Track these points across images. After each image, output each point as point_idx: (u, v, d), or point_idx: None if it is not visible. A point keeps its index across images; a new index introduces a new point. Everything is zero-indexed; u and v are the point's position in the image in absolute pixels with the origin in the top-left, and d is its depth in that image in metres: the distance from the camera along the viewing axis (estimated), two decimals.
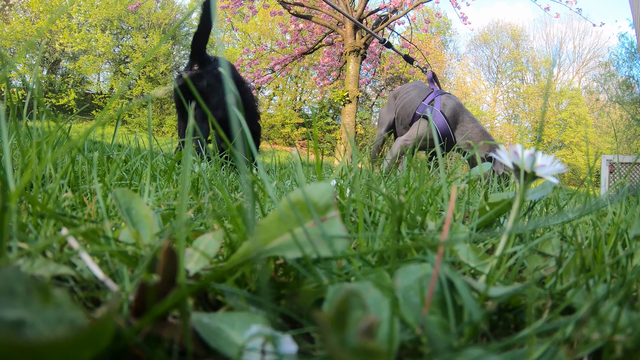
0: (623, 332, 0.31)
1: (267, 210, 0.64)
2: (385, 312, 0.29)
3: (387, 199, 0.48)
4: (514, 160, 0.47)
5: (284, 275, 0.42)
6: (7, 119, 0.64)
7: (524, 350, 0.28)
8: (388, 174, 1.39)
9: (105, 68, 18.85)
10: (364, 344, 0.25)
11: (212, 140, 0.79)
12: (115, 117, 2.90)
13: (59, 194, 0.59)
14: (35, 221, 0.46)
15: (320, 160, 0.59)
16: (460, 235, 0.49)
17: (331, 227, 0.36)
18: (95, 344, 0.23)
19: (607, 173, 4.37)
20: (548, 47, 25.36)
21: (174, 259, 0.30)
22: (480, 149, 2.64)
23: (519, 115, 23.77)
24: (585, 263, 0.45)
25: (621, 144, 17.89)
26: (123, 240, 0.42)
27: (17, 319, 0.23)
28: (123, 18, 17.77)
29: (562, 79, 24.59)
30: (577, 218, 0.58)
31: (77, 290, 0.36)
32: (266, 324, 0.30)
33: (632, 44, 19.01)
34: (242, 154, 0.31)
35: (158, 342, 0.29)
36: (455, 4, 7.84)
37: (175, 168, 0.87)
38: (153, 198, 0.60)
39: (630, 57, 19.45)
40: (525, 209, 0.65)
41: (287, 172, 1.31)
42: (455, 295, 0.34)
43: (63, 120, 0.71)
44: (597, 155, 6.31)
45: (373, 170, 1.51)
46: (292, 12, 7.52)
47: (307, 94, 20.31)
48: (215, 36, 3.34)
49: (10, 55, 13.68)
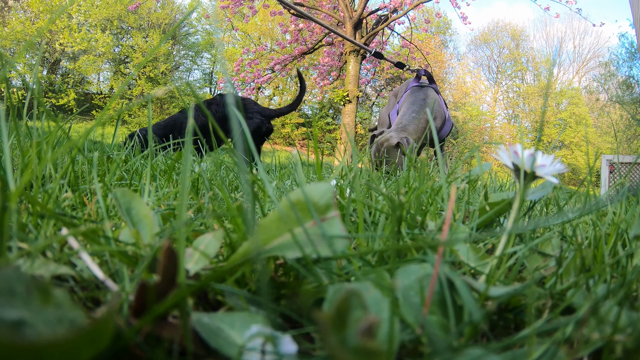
0: (623, 332, 0.31)
1: (267, 210, 0.64)
2: (385, 312, 0.29)
3: (387, 199, 0.48)
4: (514, 160, 0.47)
5: (284, 275, 0.42)
6: (7, 119, 0.64)
7: (524, 350, 0.28)
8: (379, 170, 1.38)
9: (105, 68, 18.86)
10: (364, 344, 0.25)
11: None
12: (115, 117, 2.90)
13: (59, 194, 0.59)
14: (35, 221, 0.46)
15: (320, 160, 0.59)
16: (460, 235, 0.49)
17: (331, 227, 0.36)
18: (95, 344, 0.23)
19: (607, 173, 4.37)
20: (548, 47, 25.37)
21: (174, 259, 0.30)
22: (394, 132, 2.55)
23: (519, 115, 23.77)
24: (585, 263, 0.45)
25: (621, 144, 17.88)
26: (123, 240, 0.42)
27: (17, 319, 0.23)
28: (123, 18, 17.77)
29: (562, 79, 24.60)
30: (577, 218, 0.58)
31: (77, 290, 0.36)
32: (266, 324, 0.30)
33: (632, 44, 19.02)
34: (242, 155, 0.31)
35: (158, 342, 0.29)
36: (455, 4, 7.84)
37: (175, 168, 0.87)
38: (153, 198, 0.60)
39: (630, 57, 19.46)
40: (525, 209, 0.65)
41: (287, 172, 1.31)
42: (455, 295, 0.34)
43: (63, 120, 0.71)
44: (597, 155, 6.31)
45: (373, 171, 1.51)
46: (292, 12, 7.52)
47: (307, 94, 20.31)
48: (215, 36, 3.37)
49: (10, 55, 13.67)
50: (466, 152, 2.61)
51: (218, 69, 20.69)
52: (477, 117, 22.34)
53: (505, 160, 0.47)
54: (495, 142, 0.60)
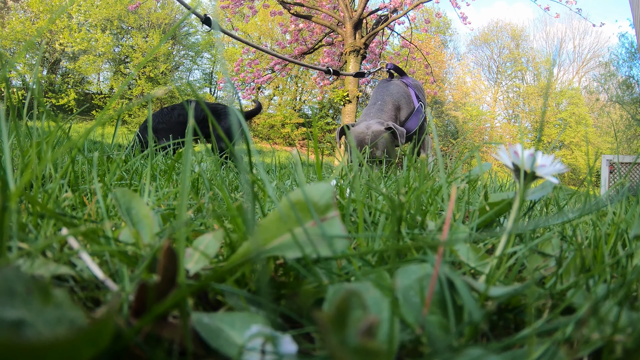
0: (623, 332, 0.31)
1: (267, 210, 0.64)
2: (385, 312, 0.29)
3: (387, 199, 0.48)
4: (514, 160, 0.47)
5: (284, 275, 0.42)
6: (7, 119, 0.64)
7: (524, 350, 0.28)
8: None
9: (105, 68, 18.86)
10: (364, 344, 0.25)
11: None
12: (115, 117, 2.91)
13: (59, 193, 0.59)
14: (35, 221, 0.46)
15: (320, 160, 0.59)
16: (460, 235, 0.49)
17: (331, 227, 0.36)
18: (95, 343, 0.23)
19: (607, 173, 4.37)
20: (548, 47, 25.36)
21: (174, 259, 0.30)
22: (364, 122, 2.51)
23: (519, 115, 23.77)
24: (585, 263, 0.45)
25: (621, 144, 17.88)
26: (123, 240, 0.42)
27: (17, 319, 0.23)
28: (123, 18, 17.77)
29: (562, 78, 24.60)
30: (577, 218, 0.58)
31: (77, 290, 0.36)
32: (266, 324, 0.30)
33: (632, 44, 19.02)
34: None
35: (158, 342, 0.29)
36: (455, 4, 7.84)
37: (175, 168, 0.86)
38: (153, 198, 0.60)
39: (630, 57, 19.45)
40: (525, 209, 0.65)
41: (287, 172, 1.31)
42: (455, 295, 0.34)
43: (63, 120, 0.71)
44: (597, 155, 6.31)
45: (372, 171, 1.51)
46: (292, 12, 7.52)
47: (307, 94, 20.31)
48: (215, 36, 3.40)
49: (10, 55, 13.67)
50: (466, 152, 2.59)
51: (218, 69, 20.70)
52: (477, 117, 22.35)
53: (505, 160, 0.47)
54: (495, 142, 0.60)
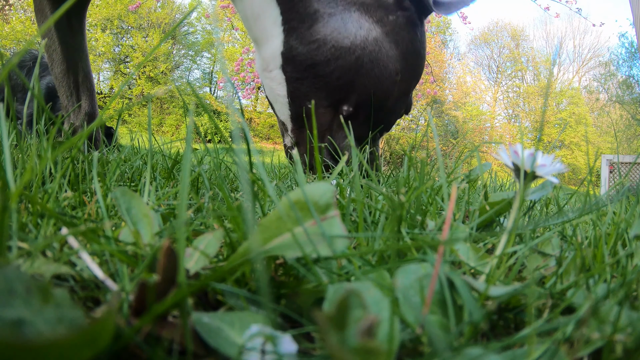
0: (623, 331, 0.31)
1: (267, 209, 0.64)
2: (385, 311, 0.29)
3: (387, 199, 0.48)
4: (514, 160, 0.47)
5: (284, 274, 0.42)
6: (7, 118, 0.64)
7: (524, 350, 0.28)
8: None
9: (105, 68, 18.85)
10: (364, 344, 0.25)
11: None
12: (115, 116, 2.91)
13: (58, 193, 0.59)
14: (35, 221, 0.46)
15: (321, 159, 0.59)
16: (460, 235, 0.49)
17: (331, 226, 0.36)
18: (95, 343, 0.23)
19: (607, 173, 4.37)
20: (548, 46, 25.36)
21: (174, 259, 0.30)
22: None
23: (519, 115, 23.77)
24: (585, 263, 0.45)
25: (621, 144, 17.88)
26: (123, 239, 0.42)
27: (17, 319, 0.23)
28: (123, 18, 17.76)
29: (562, 78, 24.59)
30: (577, 218, 0.58)
31: (77, 290, 0.36)
32: (266, 324, 0.30)
33: (632, 44, 19.01)
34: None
35: (158, 341, 0.29)
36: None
37: (174, 168, 0.86)
38: (153, 198, 0.60)
39: (630, 57, 19.45)
40: (525, 208, 0.65)
41: (287, 171, 1.31)
42: (455, 294, 0.34)
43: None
44: (597, 155, 6.31)
45: (372, 170, 1.51)
46: None
47: None
48: (215, 36, 3.37)
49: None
50: (466, 152, 2.60)
51: (218, 68, 20.68)
52: (477, 117, 22.33)
53: (505, 160, 0.47)
54: (495, 142, 0.60)
